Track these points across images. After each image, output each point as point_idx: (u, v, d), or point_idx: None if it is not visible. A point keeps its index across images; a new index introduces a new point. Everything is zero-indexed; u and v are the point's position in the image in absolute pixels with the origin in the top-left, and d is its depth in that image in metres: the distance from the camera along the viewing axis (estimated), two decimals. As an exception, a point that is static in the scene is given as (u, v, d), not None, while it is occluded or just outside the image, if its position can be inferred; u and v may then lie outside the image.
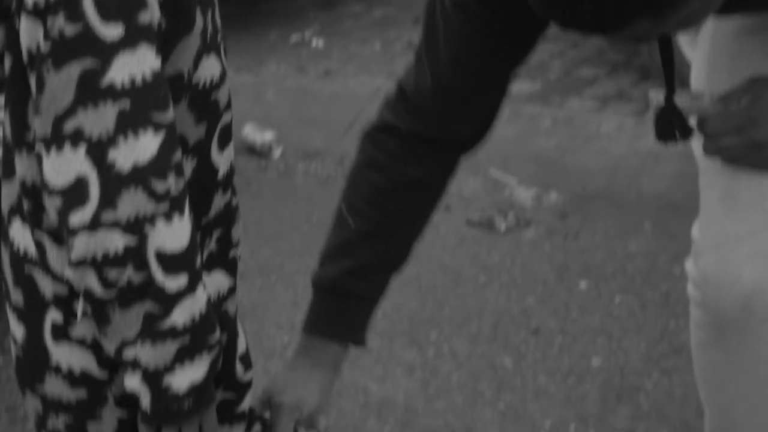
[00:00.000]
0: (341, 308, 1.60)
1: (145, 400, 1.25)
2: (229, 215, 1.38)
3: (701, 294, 1.66)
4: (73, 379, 1.31)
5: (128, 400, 1.31)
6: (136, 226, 1.16)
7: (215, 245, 1.37)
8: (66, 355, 1.31)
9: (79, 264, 1.17)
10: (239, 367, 1.46)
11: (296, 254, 3.36)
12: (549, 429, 2.48)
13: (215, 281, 1.37)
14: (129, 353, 1.23)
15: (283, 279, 3.21)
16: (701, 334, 1.73)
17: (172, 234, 1.19)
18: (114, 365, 1.30)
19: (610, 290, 3.03)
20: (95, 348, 1.30)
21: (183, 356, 1.23)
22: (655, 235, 3.31)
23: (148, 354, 1.22)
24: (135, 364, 1.23)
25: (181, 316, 1.21)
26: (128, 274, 1.18)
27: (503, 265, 3.20)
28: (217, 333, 1.27)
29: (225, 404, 1.43)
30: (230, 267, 1.41)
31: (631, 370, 2.67)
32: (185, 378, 1.24)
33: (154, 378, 1.23)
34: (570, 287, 3.06)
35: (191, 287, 1.22)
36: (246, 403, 1.49)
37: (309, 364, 1.60)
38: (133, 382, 1.24)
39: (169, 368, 1.23)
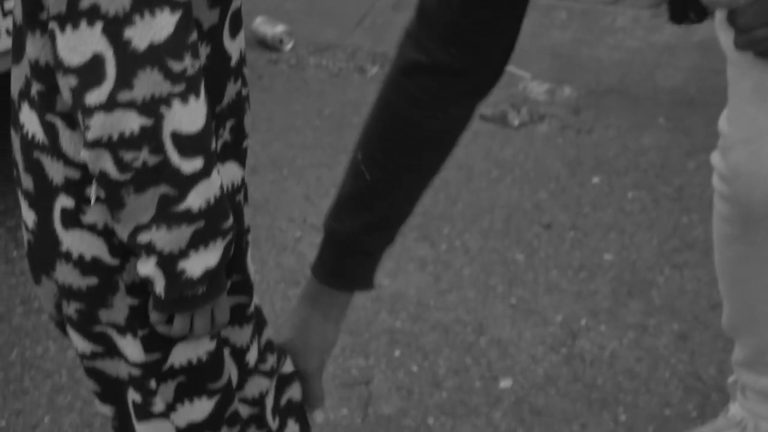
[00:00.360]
0: (356, 261, 1.60)
1: (159, 285, 1.25)
2: (240, 105, 1.37)
3: (729, 188, 1.64)
4: (84, 266, 1.30)
5: (140, 288, 1.31)
6: (152, 107, 1.15)
7: (229, 135, 1.35)
8: (77, 242, 1.30)
9: (95, 145, 1.16)
10: (252, 268, 1.46)
11: (308, 148, 3.35)
12: (560, 323, 2.49)
13: (229, 172, 1.36)
14: (143, 237, 1.22)
15: (295, 173, 3.21)
16: (726, 227, 1.72)
17: (189, 115, 1.18)
18: (125, 252, 1.29)
19: (622, 185, 3.02)
20: (107, 235, 1.29)
21: (197, 241, 1.23)
22: (669, 130, 3.28)
23: (163, 238, 1.21)
24: (149, 249, 1.22)
25: (196, 199, 1.21)
26: (143, 156, 1.17)
27: (516, 160, 3.19)
28: (231, 219, 1.26)
29: (237, 307, 1.43)
30: (242, 158, 1.40)
31: (643, 265, 2.67)
32: (199, 263, 1.24)
33: (168, 262, 1.23)
34: (582, 182, 3.05)
35: (206, 170, 1.21)
36: (254, 304, 1.49)
37: (321, 319, 1.61)
38: (146, 267, 1.24)
39: (184, 253, 1.22)
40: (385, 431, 2.22)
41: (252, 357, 1.48)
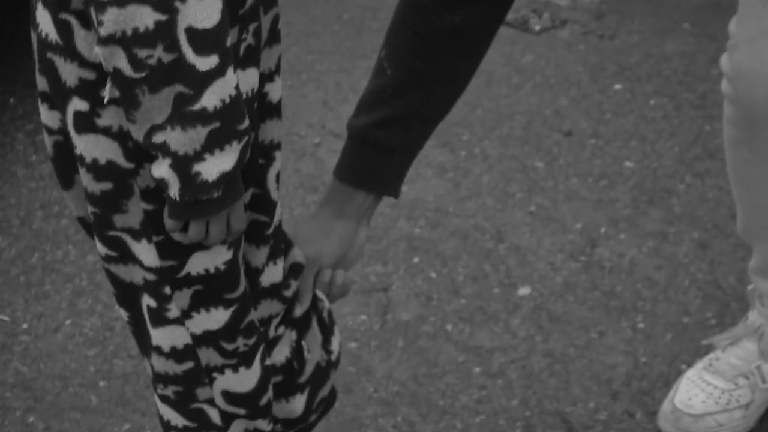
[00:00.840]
0: (370, 158, 1.56)
1: (174, 188, 1.23)
2: (265, 4, 1.34)
3: (733, 88, 1.63)
4: (98, 170, 1.29)
5: (155, 194, 1.30)
6: (167, 1, 1.13)
7: (252, 38, 1.33)
8: (90, 147, 1.28)
9: (108, 41, 1.14)
10: (273, 187, 1.44)
11: (327, 53, 3.31)
12: (580, 231, 2.49)
13: (250, 78, 1.34)
14: (158, 138, 1.20)
15: (314, 78, 3.18)
16: (732, 131, 1.71)
17: (203, 10, 1.15)
18: (141, 157, 1.28)
19: (644, 92, 2.98)
20: (121, 138, 1.27)
21: (213, 143, 1.21)
22: (694, 36, 3.23)
23: (178, 138, 1.19)
24: (164, 150, 1.21)
25: (211, 98, 1.18)
26: (158, 54, 1.14)
27: (537, 66, 3.15)
28: (247, 121, 1.24)
29: (254, 223, 1.42)
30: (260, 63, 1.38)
31: (664, 173, 2.65)
32: (215, 166, 1.22)
33: (183, 164, 1.21)
34: (604, 89, 3.02)
35: (222, 69, 1.19)
36: (274, 225, 1.47)
37: (332, 214, 1.57)
38: (161, 170, 1.22)
39: (199, 155, 1.21)
40: (403, 338, 2.23)
41: (267, 279, 1.46)
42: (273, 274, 1.47)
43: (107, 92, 1.24)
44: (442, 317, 2.27)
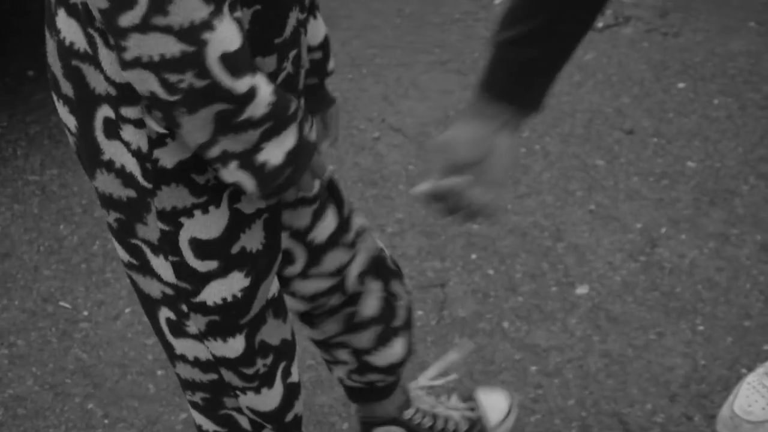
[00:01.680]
0: (507, 69, 1.49)
1: (250, 186, 1.21)
2: (301, 33, 1.32)
3: None
4: (125, 177, 1.27)
5: (171, 217, 1.27)
6: (193, 33, 1.09)
7: (291, 67, 1.31)
8: (119, 153, 1.26)
9: (135, 64, 1.11)
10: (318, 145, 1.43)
11: (388, 47, 3.31)
12: (640, 231, 2.46)
13: None
14: (213, 152, 1.18)
15: (374, 72, 3.18)
16: None
17: (231, 33, 1.12)
18: (157, 179, 1.25)
19: (708, 91, 2.95)
20: (140, 157, 1.24)
21: (269, 135, 1.19)
22: (760, 35, 3.19)
23: (232, 145, 1.18)
24: (225, 158, 1.19)
25: (255, 110, 1.16)
26: (189, 79, 1.11)
27: (599, 64, 3.12)
28: (293, 101, 1.22)
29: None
30: (301, 89, 1.37)
31: (727, 174, 2.62)
32: (278, 149, 1.20)
33: (247, 159, 1.19)
34: (667, 87, 2.98)
35: (256, 87, 1.16)
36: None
37: (469, 116, 1.48)
38: (230, 175, 1.20)
39: (258, 146, 1.19)
40: (459, 333, 2.22)
41: (319, 235, 1.48)
42: (325, 227, 1.49)
43: (154, 125, 1.22)
44: (499, 314, 2.26)
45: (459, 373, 2.11)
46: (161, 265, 1.32)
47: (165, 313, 1.38)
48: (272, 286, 1.41)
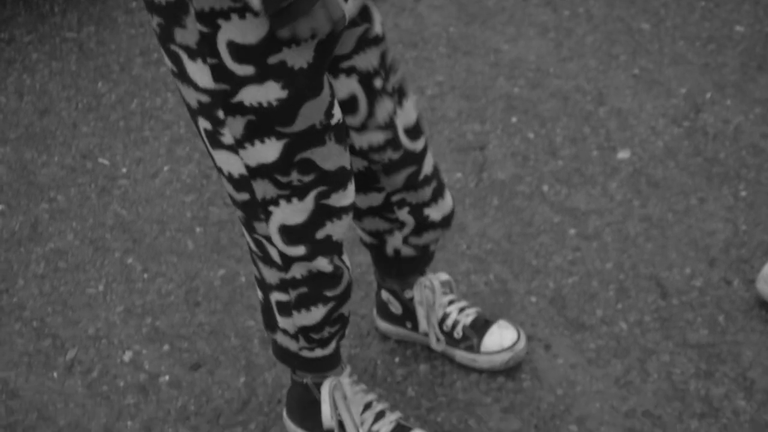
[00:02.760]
0: None
1: (255, 3, 1.24)
2: None
3: None
4: None
5: (209, 17, 1.30)
6: None
7: None
8: None
9: None
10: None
11: None
12: (684, 96, 2.42)
13: None
14: None
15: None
16: None
17: None
18: None
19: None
20: None
21: None
22: None
23: None
24: None
25: None
26: None
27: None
28: None
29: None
30: None
31: (776, 39, 2.56)
32: None
33: None
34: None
35: None
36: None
37: None
38: None
39: None
40: (498, 196, 2.21)
41: (379, 82, 1.50)
42: (384, 73, 1.52)
43: None
44: (539, 177, 2.25)
45: (496, 236, 2.11)
46: (197, 71, 1.35)
47: (202, 124, 1.41)
48: (334, 111, 1.42)
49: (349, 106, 1.53)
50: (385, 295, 1.87)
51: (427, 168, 1.66)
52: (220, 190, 2.28)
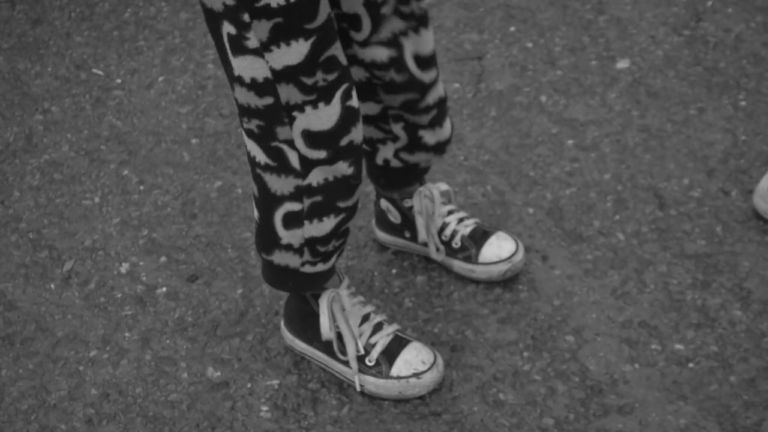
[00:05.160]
0: None
1: None
2: None
3: None
4: None
5: None
6: None
7: None
8: None
9: None
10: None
11: None
12: (685, 4, 2.38)
13: None
14: None
15: None
16: None
17: None
18: None
19: None
20: None
21: None
22: None
23: None
24: None
25: None
26: None
27: None
28: None
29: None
30: None
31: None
32: None
33: None
34: None
35: None
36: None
37: None
38: None
39: None
40: (496, 107, 2.19)
41: (387, 9, 1.49)
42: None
43: None
44: (537, 88, 2.22)
45: (494, 147, 2.09)
46: None
47: (226, 28, 1.39)
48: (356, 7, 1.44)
49: (353, 22, 1.52)
50: (384, 203, 1.86)
51: (431, 99, 1.65)
52: (216, 101, 2.26)
